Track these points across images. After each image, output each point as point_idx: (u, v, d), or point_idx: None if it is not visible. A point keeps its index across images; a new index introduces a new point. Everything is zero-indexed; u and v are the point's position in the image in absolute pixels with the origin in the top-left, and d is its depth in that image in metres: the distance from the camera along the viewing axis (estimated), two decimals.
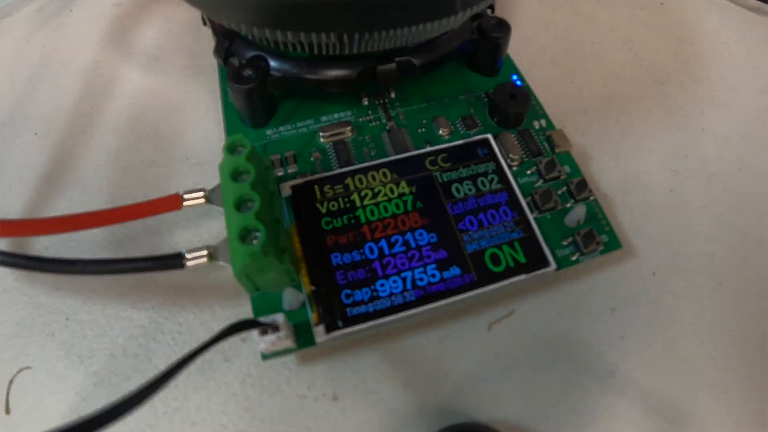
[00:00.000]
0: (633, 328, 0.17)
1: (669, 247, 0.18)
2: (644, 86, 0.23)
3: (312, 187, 0.17)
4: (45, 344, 0.16)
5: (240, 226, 0.14)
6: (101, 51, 0.24)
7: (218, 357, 0.16)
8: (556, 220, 0.17)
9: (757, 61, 0.24)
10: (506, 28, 0.20)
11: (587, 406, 0.15)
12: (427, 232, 0.16)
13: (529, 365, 0.16)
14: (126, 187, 0.20)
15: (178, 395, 0.15)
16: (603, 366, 0.16)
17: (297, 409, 0.15)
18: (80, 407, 0.15)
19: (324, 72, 0.18)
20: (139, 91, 0.22)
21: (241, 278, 0.14)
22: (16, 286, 0.17)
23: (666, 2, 0.26)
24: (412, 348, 0.16)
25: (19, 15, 0.26)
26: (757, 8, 0.26)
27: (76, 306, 0.17)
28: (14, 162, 0.20)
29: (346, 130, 0.19)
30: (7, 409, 0.15)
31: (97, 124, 0.21)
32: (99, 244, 0.18)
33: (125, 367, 0.16)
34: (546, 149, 0.19)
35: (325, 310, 0.15)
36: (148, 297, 0.17)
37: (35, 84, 0.23)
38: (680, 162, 0.20)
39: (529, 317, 0.17)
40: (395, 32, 0.16)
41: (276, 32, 0.16)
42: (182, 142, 0.21)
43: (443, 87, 0.21)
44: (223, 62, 0.19)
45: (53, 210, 0.19)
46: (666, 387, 0.16)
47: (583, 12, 0.26)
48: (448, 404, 0.15)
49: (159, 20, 0.25)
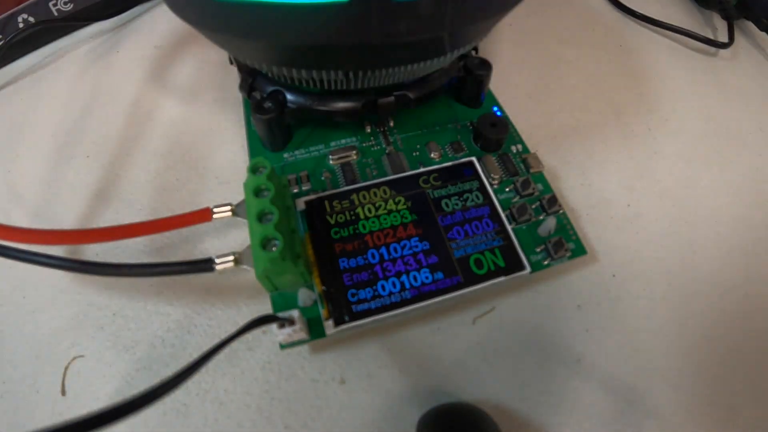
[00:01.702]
0: (596, 322, 0.17)
1: (627, 253, 0.18)
2: (605, 116, 0.23)
3: (323, 202, 0.17)
4: (95, 336, 0.16)
5: (261, 235, 0.14)
6: (143, 86, 0.24)
7: (243, 347, 0.16)
8: (531, 230, 0.17)
9: (702, 93, 0.24)
10: (488, 66, 0.20)
11: (557, 388, 0.16)
12: (421, 240, 0.16)
13: (508, 354, 0.16)
14: (164, 202, 0.20)
15: (208, 379, 0.16)
16: (570, 354, 0.16)
17: (310, 390, 0.15)
18: (125, 390, 0.15)
19: (333, 104, 0.18)
20: (175, 120, 0.23)
21: (262, 280, 0.14)
22: (71, 286, 0.17)
23: (624, 44, 0.26)
24: (408, 339, 0.16)
25: (74, 54, 0.26)
26: (702, 50, 0.26)
27: (122, 303, 0.17)
28: (69, 180, 0.20)
29: (351, 153, 0.19)
30: (63, 391, 0.15)
31: (139, 149, 0.21)
32: (141, 251, 0.18)
33: (164, 356, 0.16)
34: (522, 170, 0.19)
35: (334, 307, 0.15)
36: (183, 296, 0.17)
37: (87, 114, 0.23)
38: (636, 180, 0.20)
39: (507, 313, 0.17)
40: (394, 70, 0.16)
41: (292, 70, 0.16)
42: (212, 164, 0.21)
43: (434, 117, 0.21)
44: (247, 95, 0.20)
45: (102, 221, 0.19)
46: (624, 372, 0.16)
47: (553, 53, 0.26)
48: (438, 387, 0.16)
49: (193, 60, 0.25)
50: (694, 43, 0.27)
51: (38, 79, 0.25)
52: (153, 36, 0.27)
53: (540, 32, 0.27)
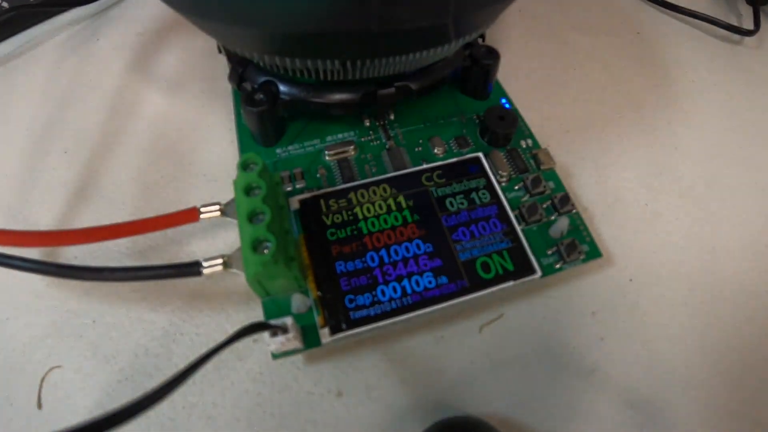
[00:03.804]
0: (611, 330, 0.17)
1: (644, 256, 0.18)
2: (622, 108, 0.23)
3: (318, 201, 0.17)
4: (74, 345, 0.16)
5: (252, 236, 0.14)
6: (125, 76, 0.24)
7: (232, 357, 0.16)
8: (542, 231, 0.17)
9: (725, 85, 0.24)
10: (496, 55, 0.20)
11: (570, 401, 0.16)
12: (424, 242, 0.16)
13: (517, 364, 0.16)
14: (147, 200, 0.20)
15: (195, 391, 0.16)
16: (584, 365, 0.16)
17: (304, 404, 0.15)
18: (106, 403, 0.15)
19: (329, 96, 0.18)
20: (160, 113, 0.22)
21: (253, 284, 0.14)
22: (47, 291, 0.17)
23: (642, 32, 0.27)
24: (410, 348, 0.16)
25: (51, 43, 0.26)
26: (725, 36, 0.27)
27: (103, 310, 0.17)
28: (46, 177, 0.20)
29: (349, 149, 0.19)
30: (39, 404, 0.15)
31: (121, 143, 0.21)
32: (123, 253, 0.18)
33: (147, 366, 0.16)
34: (532, 166, 0.19)
35: (330, 314, 0.15)
36: (168, 302, 0.17)
37: (65, 107, 0.23)
38: (655, 178, 0.21)
39: (516, 320, 0.17)
40: (394, 59, 0.16)
41: (285, 60, 0.16)
42: (199, 160, 0.21)
43: (438, 109, 0.21)
44: (236, 87, 0.20)
45: (81, 222, 0.19)
46: (642, 384, 0.16)
47: (566, 40, 0.26)
48: (442, 399, 0.16)
49: (178, 48, 0.25)
50: (717, 30, 0.27)
51: (12, 69, 0.25)
52: (136, 23, 0.27)
53: (552, 18, 0.27)
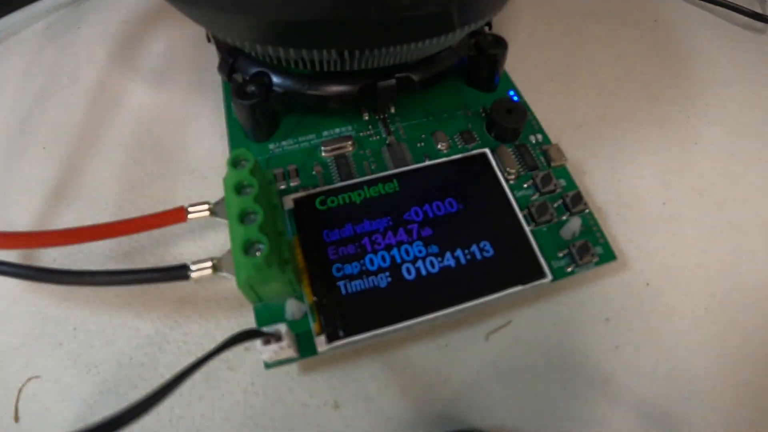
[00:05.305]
0: (627, 337, 0.17)
1: (662, 258, 0.18)
2: (638, 101, 0.23)
3: (314, 200, 0.17)
4: (53, 354, 0.16)
5: (244, 238, 0.14)
6: (108, 67, 0.24)
7: (222, 366, 0.16)
8: (552, 232, 0.17)
9: (748, 76, 0.24)
10: (503, 44, 0.20)
11: (582, 414, 0.16)
12: (426, 245, 0.16)
13: (526, 374, 0.16)
14: (132, 199, 0.20)
15: (183, 403, 0.15)
16: (598, 375, 0.16)
17: (299, 416, 0.15)
18: (87, 415, 0.15)
19: (325, 88, 0.18)
20: (145, 106, 0.22)
21: (245, 289, 0.14)
22: (24, 297, 0.17)
23: (659, 19, 0.26)
24: (412, 357, 0.16)
25: (28, 31, 0.26)
26: (747, 24, 0.26)
27: (84, 316, 0.17)
28: (23, 175, 0.20)
29: (347, 144, 0.19)
30: (16, 417, 0.15)
31: (104, 138, 0.21)
32: (106, 256, 0.18)
33: (131, 376, 0.16)
34: (542, 163, 0.19)
35: (327, 321, 0.15)
36: (154, 307, 0.17)
37: (44, 99, 0.23)
38: (673, 175, 0.21)
39: (525, 327, 0.17)
40: (395, 49, 0.16)
41: (278, 49, 0.16)
42: (187, 156, 0.21)
43: (442, 102, 0.21)
44: (226, 78, 0.20)
45: (61, 222, 0.19)
46: (659, 395, 0.16)
47: (578, 29, 0.26)
48: (446, 411, 0.15)
49: (164, 37, 0.25)
50: (739, 17, 0.27)
51: None
52: (119, 10, 0.27)
53: (563, 5, 0.27)
